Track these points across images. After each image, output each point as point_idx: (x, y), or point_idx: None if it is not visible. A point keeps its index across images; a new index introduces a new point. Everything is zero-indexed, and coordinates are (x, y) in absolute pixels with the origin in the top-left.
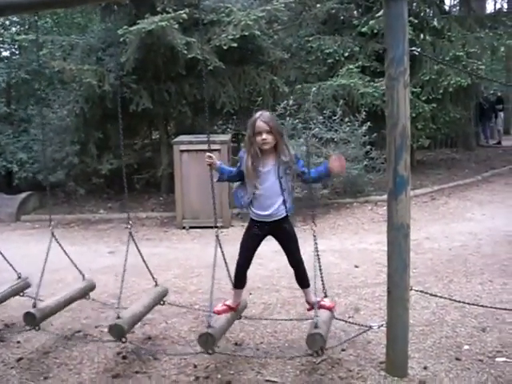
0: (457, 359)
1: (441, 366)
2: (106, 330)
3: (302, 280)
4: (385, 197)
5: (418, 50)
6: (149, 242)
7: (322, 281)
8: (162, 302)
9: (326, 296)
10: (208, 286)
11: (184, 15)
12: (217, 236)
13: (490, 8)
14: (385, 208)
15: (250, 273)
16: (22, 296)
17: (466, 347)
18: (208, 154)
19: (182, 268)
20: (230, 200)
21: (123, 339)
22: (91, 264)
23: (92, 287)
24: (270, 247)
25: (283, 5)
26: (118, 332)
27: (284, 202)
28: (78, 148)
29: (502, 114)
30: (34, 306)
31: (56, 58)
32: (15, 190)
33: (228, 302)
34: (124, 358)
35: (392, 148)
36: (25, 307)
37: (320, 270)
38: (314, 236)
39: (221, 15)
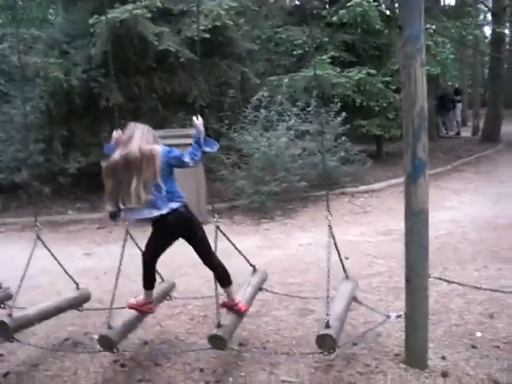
0: (473, 347)
1: (459, 355)
2: (95, 336)
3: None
4: (361, 188)
5: (433, 27)
6: (126, 241)
7: (343, 264)
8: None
9: (347, 277)
10: (198, 285)
11: (159, 3)
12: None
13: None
14: (362, 199)
15: (239, 270)
16: (4, 308)
17: (479, 334)
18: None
19: (167, 267)
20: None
21: (114, 350)
22: (67, 267)
23: (86, 298)
24: (252, 243)
25: None
26: (108, 343)
27: None
28: (42, 146)
29: (460, 105)
30: (10, 315)
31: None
32: None
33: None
34: (122, 365)
35: (410, 130)
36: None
37: (339, 254)
38: (330, 226)
39: (190, 5)
